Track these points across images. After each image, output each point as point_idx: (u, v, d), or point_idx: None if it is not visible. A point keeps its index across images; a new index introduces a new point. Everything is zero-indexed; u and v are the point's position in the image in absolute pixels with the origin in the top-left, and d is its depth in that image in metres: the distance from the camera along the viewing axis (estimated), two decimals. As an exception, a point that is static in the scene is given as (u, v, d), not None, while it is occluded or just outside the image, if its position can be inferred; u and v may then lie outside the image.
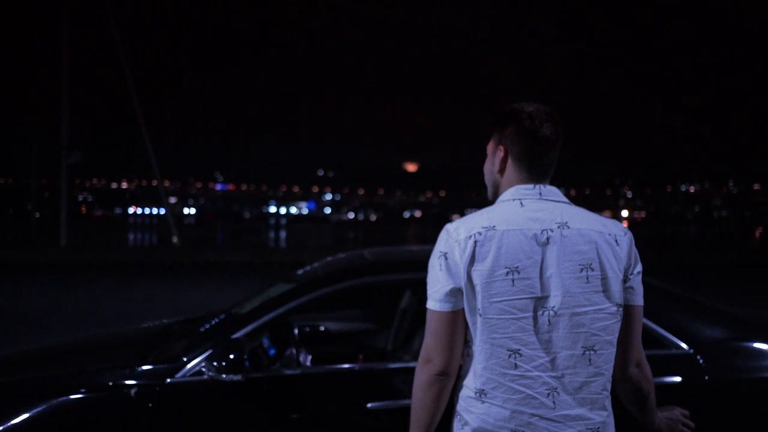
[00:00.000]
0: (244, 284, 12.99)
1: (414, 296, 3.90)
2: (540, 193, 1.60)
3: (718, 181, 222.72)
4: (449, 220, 1.76)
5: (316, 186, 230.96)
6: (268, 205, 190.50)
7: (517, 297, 1.48)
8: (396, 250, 3.38)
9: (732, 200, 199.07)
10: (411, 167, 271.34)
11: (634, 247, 1.60)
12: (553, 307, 1.49)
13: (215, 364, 2.38)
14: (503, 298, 1.48)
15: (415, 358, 3.45)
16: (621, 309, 1.55)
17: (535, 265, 1.49)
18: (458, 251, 1.51)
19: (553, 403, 1.48)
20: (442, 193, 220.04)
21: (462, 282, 1.50)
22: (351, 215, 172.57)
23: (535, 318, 1.48)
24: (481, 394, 1.51)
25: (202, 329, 3.07)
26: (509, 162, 1.64)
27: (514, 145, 1.62)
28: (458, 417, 1.58)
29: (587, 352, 1.51)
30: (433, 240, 1.62)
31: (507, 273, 1.48)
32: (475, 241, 1.50)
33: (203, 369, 2.44)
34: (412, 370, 2.48)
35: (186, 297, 10.88)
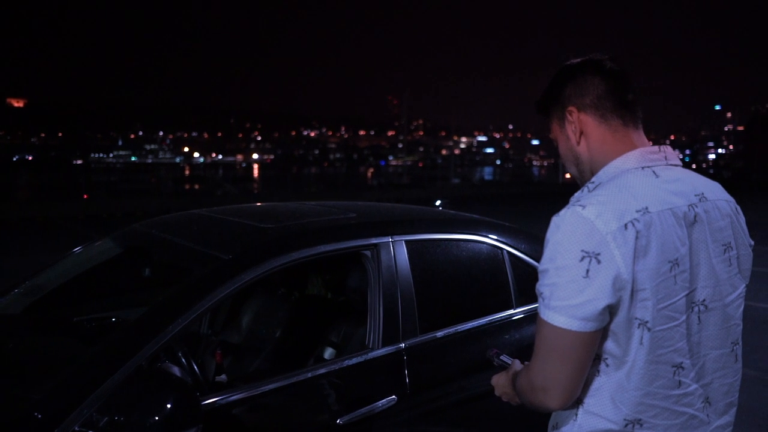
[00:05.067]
0: None
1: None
2: (665, 157, 1.28)
3: (333, 127, 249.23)
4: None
5: None
6: None
7: (678, 297, 1.18)
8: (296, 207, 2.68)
9: (344, 144, 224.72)
10: (17, 103, 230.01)
11: None
12: (703, 300, 1.22)
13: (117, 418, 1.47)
14: (669, 302, 1.16)
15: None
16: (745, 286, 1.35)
17: (688, 252, 1.19)
18: (617, 249, 1.11)
19: (707, 416, 1.26)
20: (60, 134, 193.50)
21: (628, 290, 1.13)
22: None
23: (688, 318, 1.20)
24: (634, 425, 1.20)
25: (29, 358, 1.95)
26: (584, 117, 1.31)
27: (584, 95, 1.29)
28: None
29: (735, 348, 1.29)
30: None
31: (670, 268, 1.16)
32: (637, 232, 1.13)
33: None
34: (352, 367, 2.10)
35: None
